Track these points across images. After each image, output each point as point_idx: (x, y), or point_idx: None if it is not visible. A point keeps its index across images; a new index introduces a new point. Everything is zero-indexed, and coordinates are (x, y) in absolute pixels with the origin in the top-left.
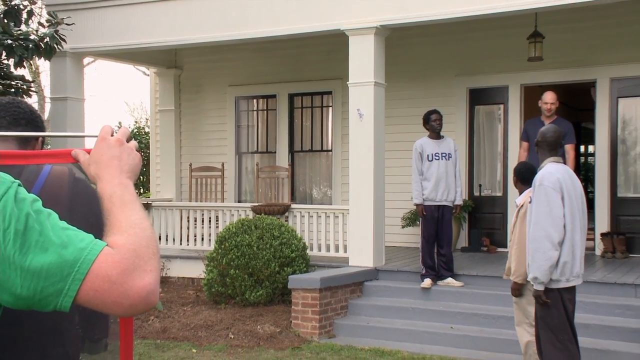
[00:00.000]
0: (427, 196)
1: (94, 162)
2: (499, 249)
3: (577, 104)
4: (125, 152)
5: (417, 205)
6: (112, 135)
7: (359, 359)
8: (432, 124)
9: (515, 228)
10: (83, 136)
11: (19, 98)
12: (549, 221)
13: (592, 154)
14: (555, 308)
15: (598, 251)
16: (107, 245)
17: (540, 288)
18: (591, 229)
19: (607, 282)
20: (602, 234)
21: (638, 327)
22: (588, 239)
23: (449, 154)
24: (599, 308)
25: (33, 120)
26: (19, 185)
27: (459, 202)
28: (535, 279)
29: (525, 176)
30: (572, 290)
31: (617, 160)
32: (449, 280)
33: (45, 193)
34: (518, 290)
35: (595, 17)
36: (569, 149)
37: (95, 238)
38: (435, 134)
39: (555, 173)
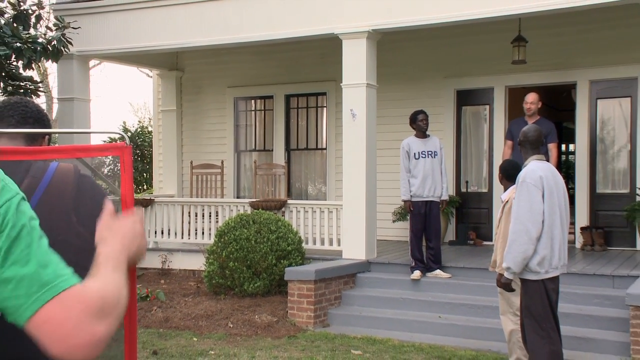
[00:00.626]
0: (414, 192)
1: (112, 230)
2: (485, 243)
3: (558, 105)
4: (141, 244)
5: (404, 201)
6: (140, 225)
7: (351, 347)
8: (419, 124)
9: (501, 222)
10: (88, 132)
11: (27, 98)
12: (528, 216)
13: (573, 153)
14: (539, 298)
15: (578, 244)
16: (81, 283)
17: (511, 277)
18: (571, 223)
19: (586, 274)
20: (582, 228)
21: (615, 316)
22: (569, 233)
23: (434, 152)
24: (579, 298)
25: (40, 119)
26: (23, 198)
27: (445, 197)
28: (508, 268)
29: (510, 173)
30: (555, 280)
31: (596, 158)
32: (437, 272)
33: (52, 189)
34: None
35: (575, 22)
36: (552, 147)
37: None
38: (422, 133)
39: (537, 170)
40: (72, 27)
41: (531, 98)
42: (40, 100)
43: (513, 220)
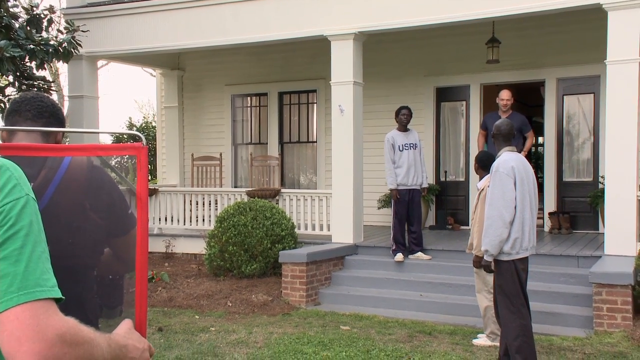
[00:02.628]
0: (400, 182)
1: (128, 337)
2: (462, 227)
3: (529, 101)
4: None
5: (391, 190)
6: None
7: (340, 323)
8: (401, 117)
9: (477, 208)
10: (110, 132)
11: (42, 93)
12: (502, 203)
13: (542, 144)
14: (510, 277)
15: (546, 228)
16: (57, 305)
17: (490, 259)
18: (540, 208)
19: (553, 255)
20: (550, 213)
21: (579, 293)
22: (538, 218)
23: (415, 144)
24: (547, 277)
25: (55, 113)
26: (33, 199)
27: (425, 185)
28: (486, 251)
29: (485, 163)
30: (525, 261)
31: (563, 149)
32: (419, 254)
33: (67, 179)
34: (479, 262)
35: (544, 25)
36: (530, 135)
37: (110, 216)
38: (403, 127)
39: (509, 161)
40: (82, 30)
41: (506, 95)
42: (53, 98)
43: (488, 207)
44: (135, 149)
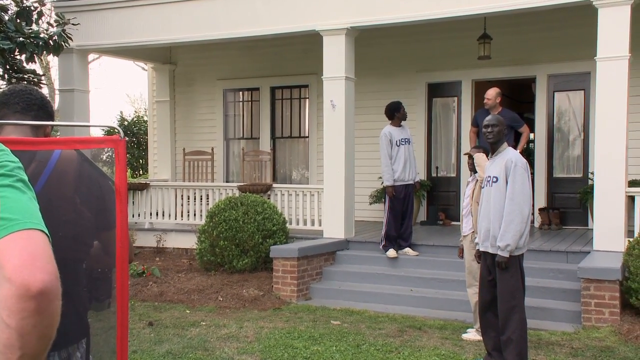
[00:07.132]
0: (397, 177)
1: None
2: (453, 223)
3: (520, 97)
4: None
5: (387, 187)
6: None
7: (331, 318)
8: (403, 113)
9: (474, 195)
10: (86, 125)
11: (31, 86)
12: (522, 197)
13: (532, 141)
14: (515, 271)
15: (536, 224)
16: (47, 236)
17: (507, 255)
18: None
19: (543, 250)
20: (540, 209)
21: (568, 288)
22: None
23: (409, 139)
24: (536, 272)
25: (44, 105)
26: (19, 167)
27: (418, 179)
28: (507, 246)
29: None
30: (523, 255)
31: (553, 145)
32: (407, 250)
33: (56, 172)
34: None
35: (536, 21)
36: (524, 130)
37: (99, 210)
38: (398, 122)
39: (521, 156)
40: (72, 23)
41: (489, 94)
42: (43, 92)
43: (508, 202)
44: (112, 142)
